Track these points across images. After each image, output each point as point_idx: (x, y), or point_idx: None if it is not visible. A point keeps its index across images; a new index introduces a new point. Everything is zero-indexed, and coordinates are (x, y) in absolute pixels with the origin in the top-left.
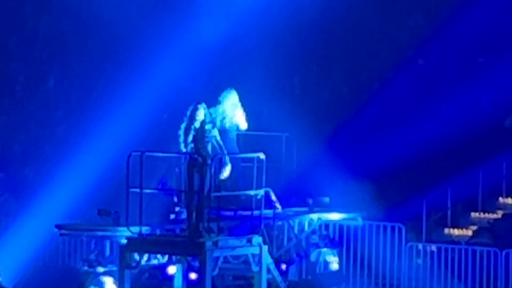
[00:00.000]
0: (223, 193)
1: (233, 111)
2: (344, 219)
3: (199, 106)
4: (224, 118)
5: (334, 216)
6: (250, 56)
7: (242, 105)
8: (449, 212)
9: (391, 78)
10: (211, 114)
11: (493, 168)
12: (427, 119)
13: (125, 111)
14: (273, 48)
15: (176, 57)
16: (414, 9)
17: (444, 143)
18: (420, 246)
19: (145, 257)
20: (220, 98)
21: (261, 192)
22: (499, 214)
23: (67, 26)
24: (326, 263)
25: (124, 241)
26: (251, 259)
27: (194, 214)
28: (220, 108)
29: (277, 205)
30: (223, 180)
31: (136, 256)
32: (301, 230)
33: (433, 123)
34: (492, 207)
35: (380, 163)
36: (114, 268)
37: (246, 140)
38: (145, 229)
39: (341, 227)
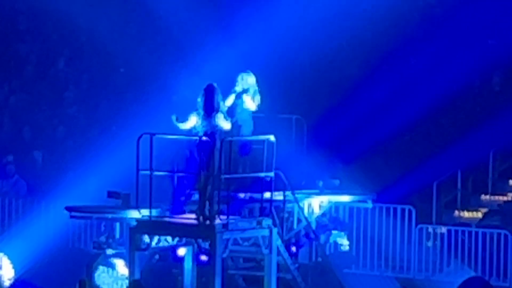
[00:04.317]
0: (234, 175)
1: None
2: (354, 201)
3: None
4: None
5: (344, 198)
6: (262, 39)
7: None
8: (459, 194)
9: (401, 58)
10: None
11: (503, 150)
12: (437, 100)
13: (136, 92)
14: (283, 30)
15: (188, 38)
16: None
17: (454, 124)
18: (430, 229)
19: (155, 239)
20: (239, 78)
21: (271, 174)
22: (509, 197)
23: (77, 7)
24: (336, 245)
25: (134, 223)
26: (261, 242)
27: (204, 196)
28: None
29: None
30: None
31: (146, 238)
32: (311, 212)
33: (443, 105)
34: (502, 190)
35: (391, 145)
36: (124, 250)
37: (256, 122)
38: (155, 211)
39: (351, 209)
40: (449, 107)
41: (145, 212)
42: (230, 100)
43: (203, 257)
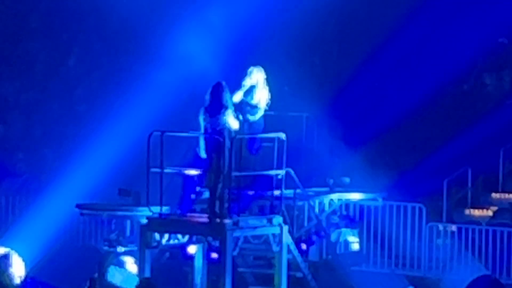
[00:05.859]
0: (244, 173)
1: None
2: (364, 199)
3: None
4: (252, 92)
5: (355, 196)
6: (271, 36)
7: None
8: (469, 193)
9: (407, 57)
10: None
11: None
12: (447, 98)
13: (146, 90)
14: (293, 28)
15: (197, 37)
16: None
17: (465, 122)
18: (441, 227)
19: (166, 237)
20: (249, 72)
21: (282, 172)
22: None
23: (87, 5)
24: (347, 243)
25: (144, 221)
26: (271, 239)
27: (214, 194)
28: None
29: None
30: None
31: (157, 236)
32: (322, 210)
33: (453, 103)
34: None
35: (401, 143)
36: (135, 248)
37: (267, 120)
38: (165, 209)
39: (361, 207)
40: (460, 105)
41: (156, 209)
42: (238, 96)
43: (214, 255)
